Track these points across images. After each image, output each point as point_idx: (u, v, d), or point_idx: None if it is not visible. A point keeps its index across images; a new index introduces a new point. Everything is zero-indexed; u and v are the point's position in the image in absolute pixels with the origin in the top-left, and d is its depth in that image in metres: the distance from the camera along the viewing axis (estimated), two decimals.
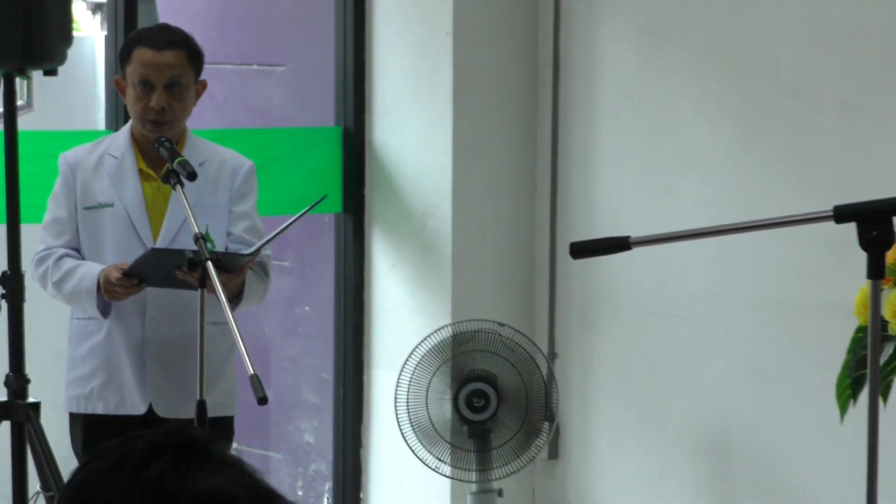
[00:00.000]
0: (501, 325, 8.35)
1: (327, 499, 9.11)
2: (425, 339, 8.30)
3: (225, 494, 2.48)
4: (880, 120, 7.59)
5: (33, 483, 7.34)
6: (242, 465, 2.51)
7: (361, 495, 9.03)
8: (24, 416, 7.43)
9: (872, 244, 4.14)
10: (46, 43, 7.34)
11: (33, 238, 7.05)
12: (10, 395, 7.42)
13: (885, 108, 7.59)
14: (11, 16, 7.14)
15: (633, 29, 8.53)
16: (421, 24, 8.71)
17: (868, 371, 4.37)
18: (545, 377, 8.67)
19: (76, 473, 2.55)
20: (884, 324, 5.20)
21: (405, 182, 8.85)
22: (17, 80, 7.52)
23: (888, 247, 4.18)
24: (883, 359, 5.31)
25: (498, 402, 8.20)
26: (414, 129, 8.78)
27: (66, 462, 7.09)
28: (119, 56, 6.98)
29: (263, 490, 2.56)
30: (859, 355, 5.51)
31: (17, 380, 7.40)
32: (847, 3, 7.76)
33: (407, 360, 8.29)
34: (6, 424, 7.49)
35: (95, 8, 9.30)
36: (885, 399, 5.42)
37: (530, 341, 8.44)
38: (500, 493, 8.41)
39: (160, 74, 6.66)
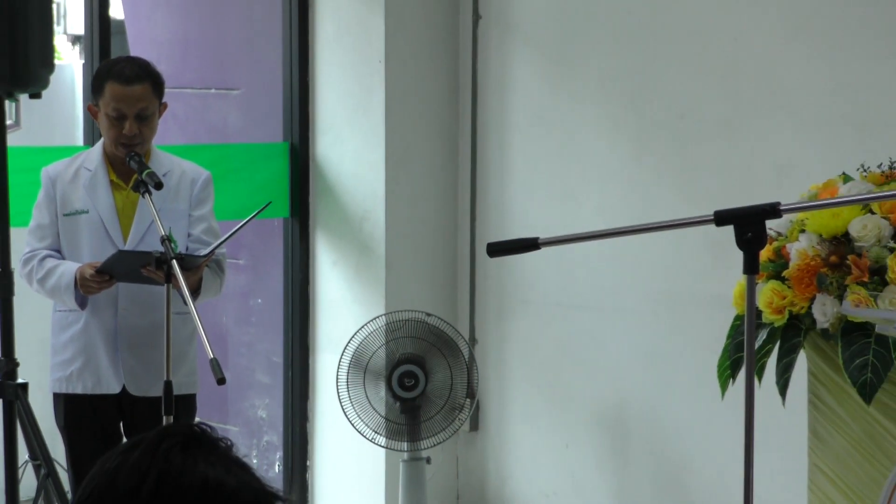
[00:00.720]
0: (428, 314, 8.37)
1: (278, 466, 9.10)
2: (362, 326, 8.31)
3: (219, 483, 2.51)
4: (754, 137, 7.62)
5: (22, 454, 7.36)
6: (247, 466, 2.54)
7: (308, 463, 9.03)
8: (13, 395, 7.45)
9: (748, 244, 4.16)
10: (31, 70, 7.33)
11: (20, 241, 7.06)
12: (1, 376, 7.44)
13: (759, 126, 7.63)
14: (0, 46, 7.17)
15: (541, 57, 8.55)
16: (357, 52, 8.71)
17: (745, 354, 4.39)
18: (467, 360, 8.69)
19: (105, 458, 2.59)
20: (758, 313, 5.24)
21: (344, 190, 8.86)
22: (6, 103, 7.52)
23: (761, 246, 4.21)
24: (757, 344, 5.35)
25: (426, 381, 8.24)
26: (351, 144, 8.79)
27: (51, 435, 7.11)
28: (92, 87, 6.98)
29: (263, 492, 2.59)
30: (737, 340, 5.55)
31: (8, 363, 7.42)
32: (725, 36, 7.77)
33: (347, 345, 8.30)
34: None
35: (74, 39, 9.29)
36: (760, 378, 5.46)
37: (454, 328, 8.45)
38: (428, 460, 8.42)
39: (131, 107, 6.69)
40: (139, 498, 2.51)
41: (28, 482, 7.50)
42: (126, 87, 6.72)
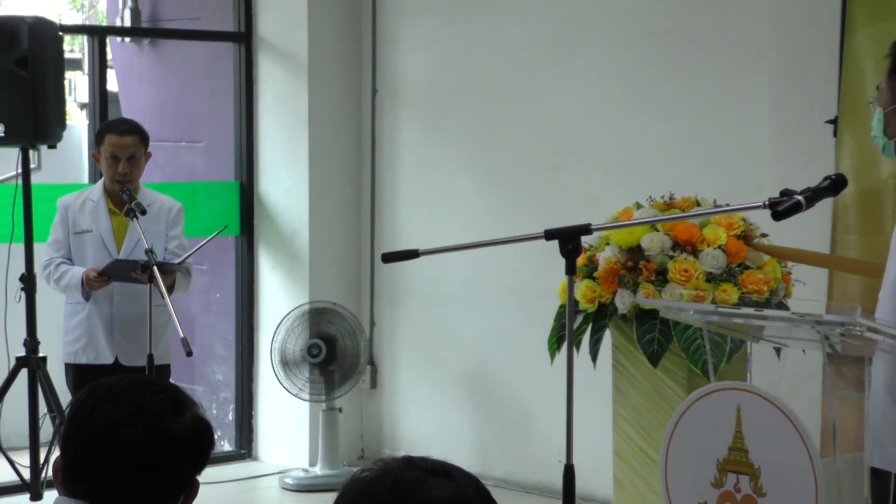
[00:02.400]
0: (335, 304, 8.36)
1: (231, 415, 9.02)
2: (289, 312, 8.30)
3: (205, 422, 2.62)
4: (573, 176, 7.64)
5: (42, 409, 7.27)
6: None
7: (253, 413, 8.94)
8: (36, 365, 7.39)
9: (568, 253, 4.15)
10: (49, 128, 7.28)
11: (40, 251, 7.03)
12: (27, 351, 7.37)
13: (577, 169, 7.64)
14: (25, 111, 7.10)
15: (421, 119, 8.53)
16: (288, 116, 8.65)
17: (567, 332, 4.37)
18: (367, 337, 8.71)
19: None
20: (576, 303, 5.26)
21: (279, 216, 8.80)
22: (31, 151, 7.46)
23: (578, 254, 4.19)
24: (575, 325, 5.37)
25: (327, 352, 8.24)
26: (284, 182, 8.72)
27: (64, 396, 7.05)
28: (95, 138, 6.99)
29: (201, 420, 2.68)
30: (561, 322, 5.57)
31: (31, 342, 7.37)
32: (554, 104, 7.76)
33: (278, 326, 8.28)
34: (24, 371, 7.43)
35: (82, 105, 9.18)
36: (578, 349, 5.47)
37: (353, 315, 8.46)
38: (339, 410, 8.40)
39: (123, 152, 6.70)
40: (160, 430, 2.60)
41: (46, 429, 7.43)
42: (121, 137, 6.75)
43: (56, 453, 2.72)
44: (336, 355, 8.37)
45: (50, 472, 6.84)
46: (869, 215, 6.04)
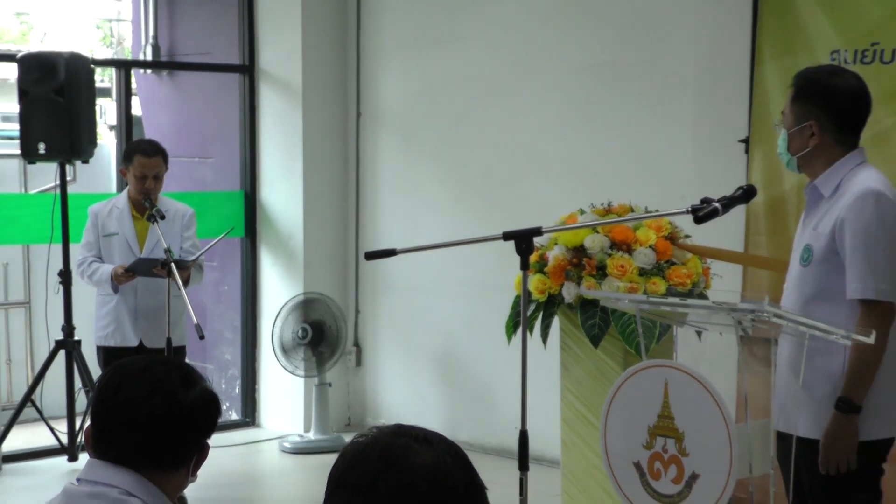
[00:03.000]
0: (323, 295, 8.35)
1: (237, 389, 8.98)
2: (286, 303, 8.27)
3: (213, 395, 2.60)
4: (527, 188, 7.63)
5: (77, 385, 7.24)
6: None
7: (256, 387, 8.91)
8: (72, 347, 7.41)
9: (523, 252, 4.13)
10: (82, 146, 7.32)
11: (75, 251, 7.02)
12: (64, 335, 7.39)
13: (530, 181, 7.63)
14: (62, 132, 7.10)
15: (398, 138, 8.51)
16: (285, 135, 8.61)
17: (521, 318, 4.36)
18: (352, 322, 8.70)
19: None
20: (529, 294, 5.25)
21: (277, 220, 8.76)
22: (67, 166, 7.43)
23: (531, 253, 4.19)
24: (529, 312, 5.36)
25: (314, 335, 8.25)
26: (282, 192, 8.69)
27: (95, 373, 7.01)
28: (123, 156, 6.93)
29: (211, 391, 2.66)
30: (516, 310, 5.56)
31: (68, 327, 7.40)
32: (511, 126, 7.74)
33: (277, 314, 8.26)
34: (62, 352, 7.42)
35: (111, 127, 9.12)
36: (531, 332, 5.45)
37: (338, 304, 8.45)
38: (329, 384, 8.37)
39: (150, 171, 6.68)
40: (174, 402, 2.63)
41: (81, 401, 7.41)
42: (148, 158, 6.72)
43: (88, 423, 2.72)
44: (324, 338, 8.35)
45: (82, 439, 6.81)
46: (775, 220, 6.06)
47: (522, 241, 4.16)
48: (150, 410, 2.58)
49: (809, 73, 4.34)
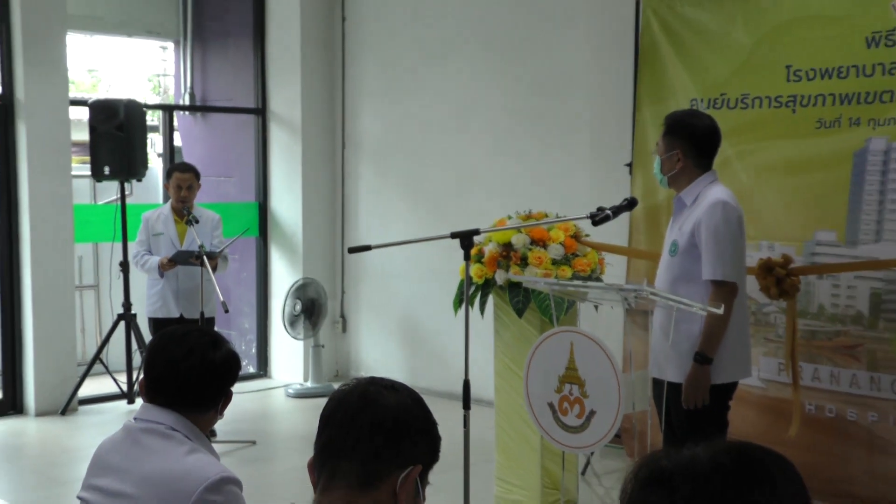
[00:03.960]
0: (314, 279, 8.33)
1: (254, 349, 8.94)
2: (291, 286, 8.23)
3: (235, 354, 2.62)
4: (471, 200, 7.63)
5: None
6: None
7: (267, 348, 8.87)
8: (129, 319, 7.37)
9: (465, 247, 4.14)
10: (137, 168, 7.31)
11: (131, 247, 6.98)
12: (124, 310, 7.36)
13: (472, 195, 7.64)
14: (122, 158, 7.05)
15: (372, 161, 8.49)
16: (288, 162, 8.57)
17: (465, 296, 4.35)
18: (341, 300, 8.66)
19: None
20: (471, 278, 5.24)
21: (283, 223, 8.71)
22: (126, 184, 7.39)
23: (471, 248, 4.19)
24: (470, 292, 5.35)
25: (306, 307, 8.20)
26: (286, 203, 8.64)
27: (147, 338, 6.99)
28: (165, 174, 6.94)
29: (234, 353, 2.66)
30: (461, 290, 5.49)
31: (126, 304, 7.39)
32: (457, 150, 7.77)
33: (287, 294, 8.22)
34: (122, 323, 7.38)
35: (158, 154, 9.10)
36: (472, 306, 5.43)
37: (323, 287, 8.41)
38: (322, 346, 8.36)
39: (184, 183, 6.69)
40: (206, 360, 2.62)
41: (136, 359, 7.38)
42: (182, 174, 6.74)
43: (141, 376, 2.71)
44: (315, 311, 8.33)
45: (137, 388, 6.80)
46: (651, 223, 6.10)
47: (465, 239, 4.18)
48: (188, 367, 2.59)
49: (675, 115, 4.40)
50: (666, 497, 1.24)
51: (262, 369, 8.95)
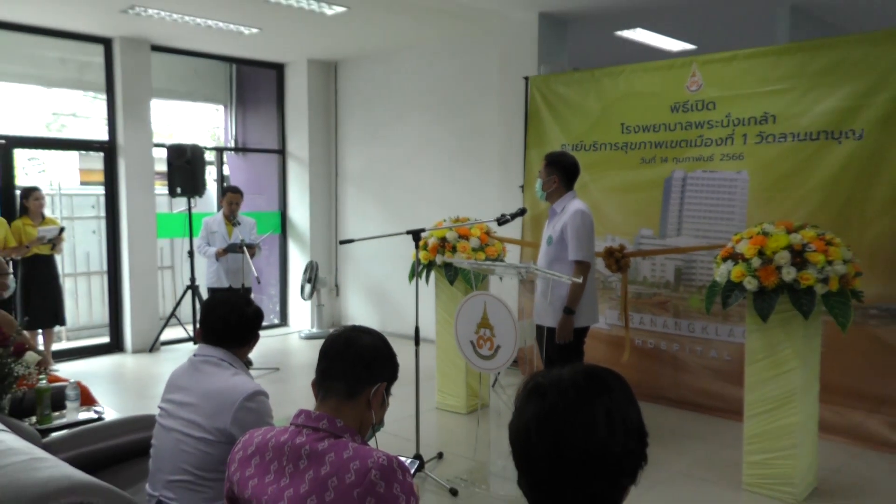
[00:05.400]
0: (316, 262, 8.22)
1: (277, 307, 8.80)
2: (305, 267, 8.12)
3: (260, 310, 2.55)
4: (419, 210, 7.57)
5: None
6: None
7: (287, 306, 8.74)
8: (194, 288, 7.15)
9: (416, 240, 4.10)
10: (199, 189, 7.09)
11: (195, 241, 6.77)
12: (190, 282, 7.13)
13: (417, 209, 7.57)
14: (190, 182, 6.87)
15: (356, 187, 8.38)
16: (300, 185, 8.45)
17: (415, 271, 4.29)
18: (335, 275, 8.55)
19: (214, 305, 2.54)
20: (419, 259, 5.17)
21: (297, 225, 8.58)
22: (191, 199, 7.21)
23: (419, 241, 4.15)
24: (419, 269, 5.29)
25: (308, 280, 8.07)
26: (299, 211, 8.48)
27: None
28: (221, 193, 6.85)
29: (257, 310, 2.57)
30: (413, 267, 5.46)
31: (192, 278, 7.12)
32: (413, 176, 7.71)
33: (303, 271, 8.10)
34: (189, 292, 7.20)
35: (214, 180, 8.88)
36: (420, 278, 5.32)
37: (317, 264, 8.30)
38: (323, 305, 8.27)
39: (234, 200, 6.52)
40: (243, 313, 2.55)
41: (199, 314, 7.24)
42: (233, 194, 6.56)
43: (199, 326, 2.66)
44: (317, 282, 8.23)
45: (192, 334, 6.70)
46: (535, 225, 6.12)
47: (416, 235, 4.14)
48: (231, 318, 2.55)
49: (553, 154, 4.41)
50: (540, 402, 1.25)
51: (283, 320, 8.80)
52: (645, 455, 1.25)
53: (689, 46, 7.42)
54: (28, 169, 9.09)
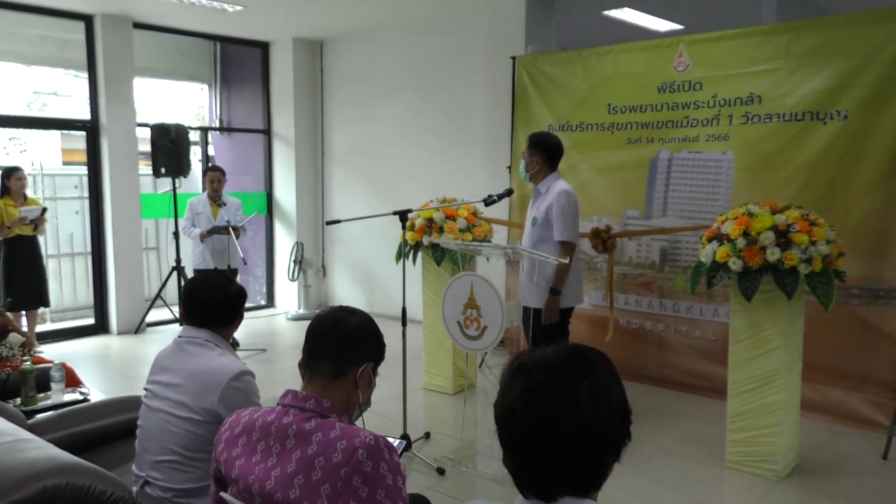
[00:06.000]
0: (303, 243, 8.20)
1: (264, 288, 8.79)
2: (292, 247, 8.09)
3: (243, 289, 2.55)
4: (409, 188, 7.56)
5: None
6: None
7: (273, 287, 8.74)
8: (179, 269, 7.10)
9: (403, 220, 4.09)
10: (183, 169, 7.02)
11: (181, 222, 6.73)
12: (175, 263, 7.08)
13: (407, 186, 7.56)
14: (174, 162, 6.81)
15: (342, 167, 8.35)
16: (286, 164, 8.41)
17: (403, 251, 4.29)
18: (322, 256, 8.54)
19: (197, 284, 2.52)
20: (406, 240, 5.19)
21: (283, 205, 8.55)
22: (176, 179, 7.15)
23: (406, 221, 4.13)
24: (407, 249, 5.30)
25: (296, 261, 8.06)
26: (285, 192, 8.44)
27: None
28: (203, 174, 6.73)
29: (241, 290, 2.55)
30: (400, 247, 5.49)
31: (177, 259, 7.06)
32: (398, 155, 7.70)
33: (290, 252, 8.08)
34: (174, 273, 7.16)
35: (198, 160, 8.82)
36: (408, 258, 5.34)
37: (303, 244, 8.29)
38: (310, 286, 8.25)
39: (214, 178, 6.45)
40: (225, 293, 2.55)
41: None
42: (214, 173, 6.48)
43: (181, 308, 2.65)
44: (304, 263, 8.22)
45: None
46: (522, 205, 6.13)
47: (403, 215, 4.13)
48: (214, 298, 2.54)
49: (536, 134, 4.40)
50: (525, 380, 1.26)
51: (270, 301, 8.79)
52: (629, 433, 1.27)
53: (676, 26, 7.41)
54: (9, 149, 8.98)
